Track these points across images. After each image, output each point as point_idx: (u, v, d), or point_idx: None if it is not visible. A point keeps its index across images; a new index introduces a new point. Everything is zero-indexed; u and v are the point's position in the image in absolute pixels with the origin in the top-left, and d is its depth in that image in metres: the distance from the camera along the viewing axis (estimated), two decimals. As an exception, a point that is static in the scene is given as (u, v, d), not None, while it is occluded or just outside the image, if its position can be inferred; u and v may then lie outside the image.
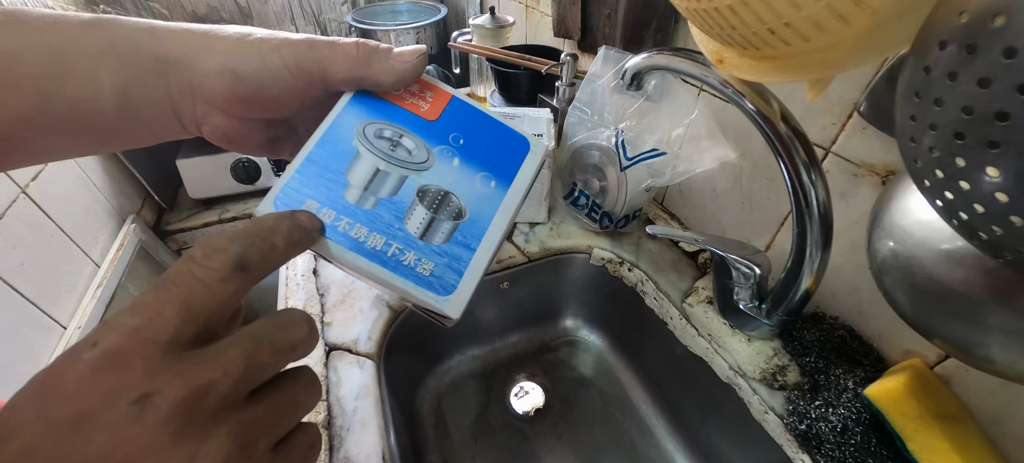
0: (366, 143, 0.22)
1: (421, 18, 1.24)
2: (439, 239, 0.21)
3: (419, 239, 0.21)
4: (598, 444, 0.55)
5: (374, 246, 0.20)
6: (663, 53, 0.38)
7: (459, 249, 0.21)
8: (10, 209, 0.61)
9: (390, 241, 0.20)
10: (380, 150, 0.22)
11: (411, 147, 0.22)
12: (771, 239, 0.49)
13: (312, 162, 0.21)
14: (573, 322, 0.67)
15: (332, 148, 0.21)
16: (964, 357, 0.27)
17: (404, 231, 0.21)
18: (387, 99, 0.23)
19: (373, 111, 0.23)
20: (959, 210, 0.19)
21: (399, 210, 0.21)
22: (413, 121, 0.23)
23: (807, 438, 0.38)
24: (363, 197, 0.21)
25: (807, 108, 0.40)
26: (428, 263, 0.20)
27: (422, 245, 0.21)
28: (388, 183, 0.21)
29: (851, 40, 0.20)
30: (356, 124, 0.22)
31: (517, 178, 0.23)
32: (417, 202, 0.21)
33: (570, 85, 0.63)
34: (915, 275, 0.27)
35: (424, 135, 0.23)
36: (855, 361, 0.41)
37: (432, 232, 0.21)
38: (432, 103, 0.24)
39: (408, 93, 0.23)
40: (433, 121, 0.23)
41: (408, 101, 0.23)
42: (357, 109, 0.22)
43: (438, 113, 0.23)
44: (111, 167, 0.85)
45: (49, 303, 0.64)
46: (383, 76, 0.22)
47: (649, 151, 0.50)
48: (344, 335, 0.47)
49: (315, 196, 0.20)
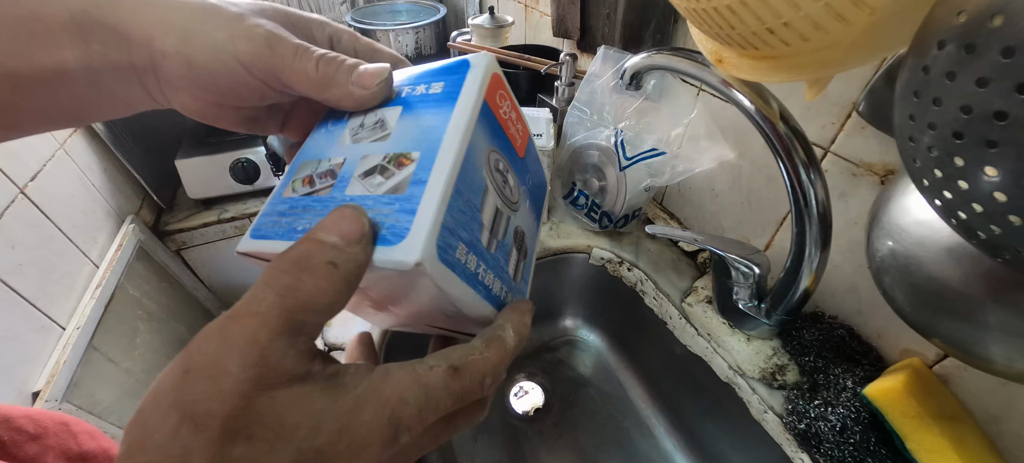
0: (491, 176, 0.19)
1: (420, 18, 1.24)
2: (519, 278, 0.21)
3: (514, 281, 0.20)
4: (598, 444, 0.55)
5: (497, 294, 0.19)
6: (662, 53, 0.38)
7: (524, 285, 0.21)
8: (8, 209, 0.61)
9: (503, 286, 0.19)
10: (497, 185, 0.19)
11: (512, 185, 0.21)
12: (770, 239, 0.49)
13: (458, 195, 0.16)
14: (573, 322, 0.67)
15: (470, 176, 0.17)
16: (963, 356, 0.27)
17: (508, 274, 0.20)
18: (498, 120, 0.20)
19: (493, 134, 0.19)
20: (958, 209, 0.19)
21: (505, 253, 0.20)
22: (512, 154, 0.21)
23: (806, 437, 0.38)
24: (491, 240, 0.18)
25: (806, 108, 0.40)
26: (511, 297, 0.20)
27: (514, 286, 0.20)
28: (502, 225, 0.19)
29: (850, 40, 0.20)
30: (484, 149, 0.18)
31: (544, 211, 0.24)
32: (515, 241, 0.20)
33: (569, 85, 0.63)
34: (914, 274, 0.27)
35: (516, 171, 0.21)
36: (854, 360, 0.41)
37: (518, 272, 0.21)
38: (522, 136, 0.22)
39: (511, 120, 0.21)
40: (522, 158, 0.22)
41: (510, 129, 0.21)
42: (482, 132, 0.18)
43: (524, 149, 0.22)
44: (110, 167, 0.85)
45: (48, 303, 0.64)
46: (343, 103, 0.21)
47: (648, 151, 0.50)
48: (344, 335, 0.47)
49: (463, 238, 0.17)
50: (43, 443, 0.34)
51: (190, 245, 0.95)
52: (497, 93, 0.20)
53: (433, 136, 0.17)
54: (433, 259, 0.15)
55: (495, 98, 0.20)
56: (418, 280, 0.15)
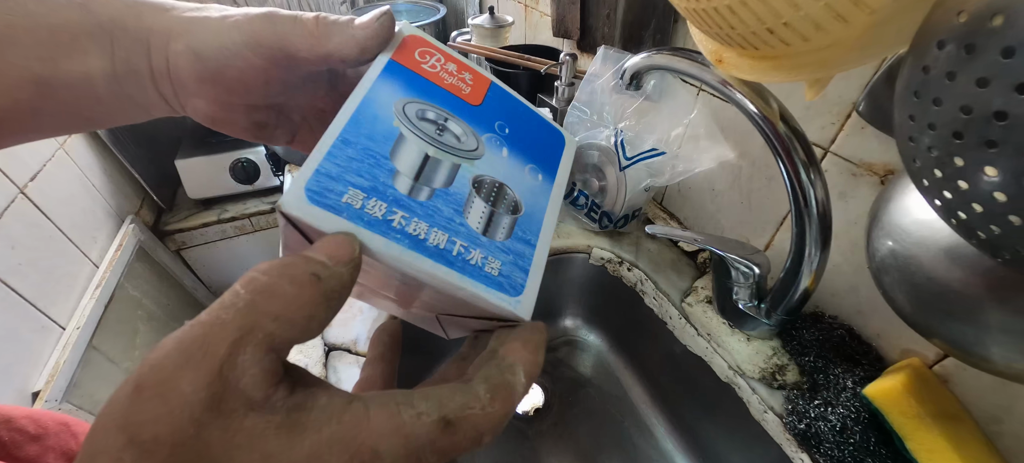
0: (409, 125, 0.18)
1: (420, 18, 1.24)
2: (501, 235, 0.19)
3: (482, 235, 0.18)
4: (598, 444, 0.55)
5: (437, 244, 0.17)
6: (662, 53, 0.38)
7: (521, 245, 0.19)
8: (8, 209, 0.61)
9: (453, 238, 0.17)
10: (426, 133, 0.19)
11: (458, 133, 0.20)
12: (770, 238, 0.49)
13: (346, 143, 0.17)
14: (573, 322, 0.67)
15: (368, 128, 0.18)
16: (963, 356, 0.27)
17: (466, 226, 0.18)
18: (424, 76, 0.20)
19: (411, 88, 0.20)
20: (958, 209, 0.19)
21: (457, 203, 0.18)
22: (456, 104, 0.20)
23: (806, 437, 0.38)
24: (416, 188, 0.17)
25: (806, 108, 0.40)
26: (495, 262, 0.18)
27: (487, 242, 0.18)
28: (441, 172, 0.18)
29: (850, 40, 0.20)
30: (393, 102, 0.19)
31: (559, 173, 0.22)
32: (474, 194, 0.19)
33: (569, 85, 0.63)
34: (914, 274, 0.27)
35: (470, 120, 0.20)
36: (854, 360, 0.41)
37: (494, 227, 0.19)
38: (473, 87, 0.21)
39: (446, 72, 0.21)
40: (477, 106, 0.21)
41: (447, 81, 0.21)
42: (391, 84, 0.19)
43: (481, 98, 0.21)
44: (110, 167, 0.85)
45: (47, 303, 0.64)
46: (346, 50, 0.21)
47: (648, 151, 0.50)
48: (343, 335, 0.47)
49: (358, 184, 0.16)
50: (44, 444, 0.34)
51: (190, 245, 0.95)
52: (417, 51, 0.21)
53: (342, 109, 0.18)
54: (300, 200, 0.15)
55: (413, 56, 0.20)
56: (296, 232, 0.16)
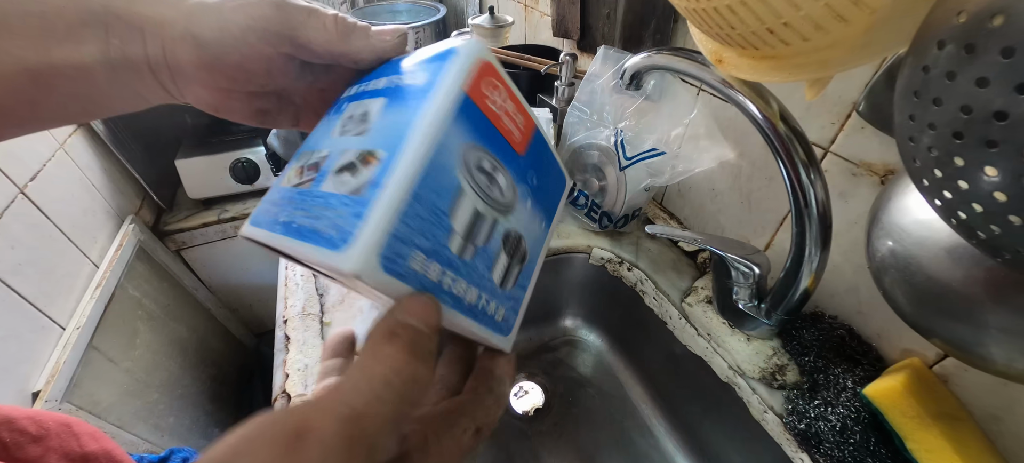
0: (469, 178, 0.17)
1: (420, 18, 1.24)
2: (510, 284, 0.19)
3: (499, 287, 0.19)
4: (598, 444, 0.55)
5: (471, 302, 0.17)
6: (662, 53, 0.38)
7: (519, 291, 0.20)
8: (8, 209, 0.61)
9: (482, 294, 0.18)
10: (479, 187, 0.17)
11: (503, 186, 0.19)
12: (770, 238, 0.49)
13: (418, 200, 0.15)
14: (573, 322, 0.67)
15: (436, 181, 0.16)
16: (963, 356, 0.27)
17: (491, 280, 0.18)
18: (487, 116, 0.18)
19: (475, 131, 0.17)
20: (958, 209, 0.19)
21: (489, 259, 0.18)
22: (506, 151, 0.19)
23: (806, 437, 0.38)
24: (465, 247, 0.17)
25: (806, 108, 0.40)
26: (501, 309, 0.19)
27: (501, 293, 0.19)
28: (485, 229, 0.18)
29: (850, 40, 0.20)
30: (460, 147, 0.17)
31: (555, 218, 0.22)
32: (503, 247, 0.19)
33: (569, 85, 0.63)
34: (914, 274, 0.27)
35: (512, 170, 0.19)
36: (854, 360, 0.41)
37: (508, 279, 0.19)
38: (523, 131, 0.20)
39: (505, 112, 0.19)
40: (521, 156, 0.20)
41: (504, 123, 0.19)
42: (462, 126, 0.17)
43: (525, 146, 0.20)
44: (110, 167, 0.85)
45: (47, 303, 0.64)
46: (363, 56, 0.21)
47: (648, 151, 0.50)
48: (343, 335, 0.47)
49: (422, 246, 0.15)
50: (45, 445, 0.34)
51: (190, 245, 0.95)
52: (485, 82, 0.18)
53: (401, 134, 0.16)
54: (375, 270, 0.14)
55: (481, 88, 0.18)
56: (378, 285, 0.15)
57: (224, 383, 1.00)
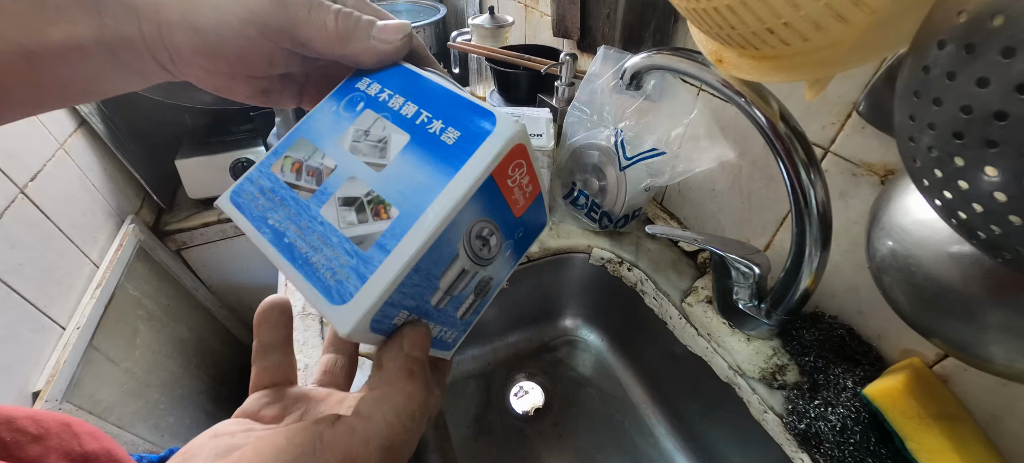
0: (466, 246, 0.18)
1: (420, 18, 1.24)
2: (468, 316, 0.21)
3: (459, 320, 0.21)
4: (598, 444, 0.55)
5: (437, 334, 0.20)
6: (662, 53, 0.38)
7: (473, 317, 0.22)
8: (8, 209, 0.61)
9: (444, 329, 0.20)
10: (472, 251, 0.18)
11: (494, 245, 0.19)
12: (770, 239, 0.49)
13: (417, 271, 0.16)
14: (573, 322, 0.67)
15: (439, 252, 0.16)
16: (963, 356, 0.27)
17: (455, 318, 0.20)
18: (503, 193, 0.18)
19: (488, 205, 0.18)
20: (958, 209, 0.19)
21: (459, 303, 0.20)
22: (506, 217, 0.19)
23: (806, 437, 0.38)
24: (443, 299, 0.18)
25: (806, 108, 0.40)
26: (452, 333, 0.21)
27: (458, 323, 0.21)
28: (465, 281, 0.19)
29: (850, 40, 0.20)
30: (469, 222, 0.17)
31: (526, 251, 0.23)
32: (474, 292, 0.20)
33: (569, 85, 0.63)
34: (914, 274, 0.27)
35: (505, 231, 0.20)
36: (854, 360, 0.41)
37: (467, 312, 0.21)
38: (528, 198, 0.20)
39: (519, 187, 0.19)
40: (516, 219, 0.20)
41: (515, 195, 0.19)
42: (477, 204, 0.17)
43: (526, 209, 0.20)
44: (110, 167, 0.85)
45: (47, 303, 0.64)
46: (363, 58, 0.20)
47: (648, 151, 0.50)
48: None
49: (408, 306, 0.17)
50: (45, 444, 0.34)
51: (190, 245, 0.95)
52: (512, 165, 0.18)
53: (419, 200, 0.16)
54: (364, 331, 0.15)
55: (507, 170, 0.18)
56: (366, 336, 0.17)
57: (224, 383, 1.00)
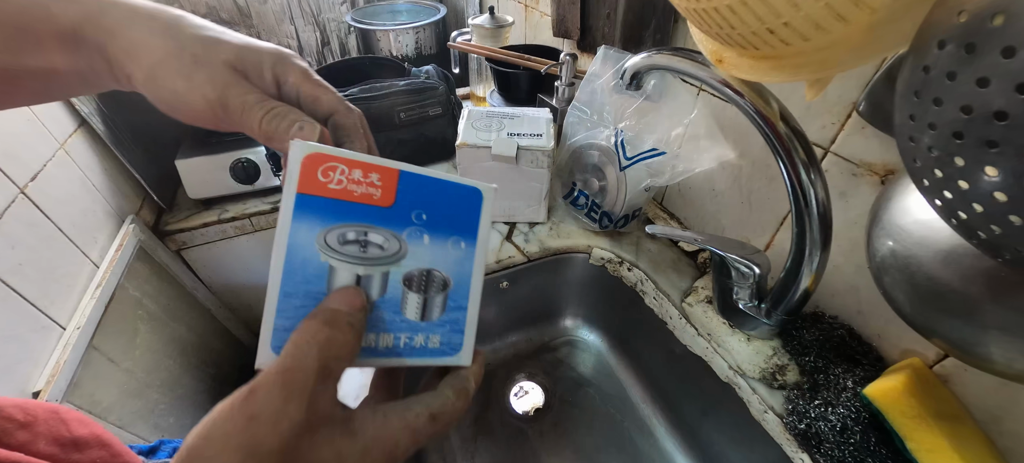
0: (335, 255, 0.20)
1: (420, 18, 1.24)
2: (437, 314, 0.22)
3: (420, 321, 0.22)
4: (598, 444, 0.55)
5: (387, 346, 0.21)
6: (662, 53, 0.38)
7: (455, 313, 0.23)
8: (8, 209, 0.61)
9: (398, 336, 0.21)
10: (352, 256, 0.21)
11: (380, 242, 0.21)
12: (770, 239, 0.49)
13: (288, 296, 0.20)
14: (573, 322, 0.67)
15: (302, 273, 0.20)
16: (963, 356, 0.27)
17: (405, 321, 0.22)
18: (334, 196, 0.20)
19: (326, 215, 0.20)
20: (958, 209, 0.19)
21: (394, 305, 0.21)
22: (371, 213, 0.21)
23: (806, 437, 0.38)
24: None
25: (806, 108, 0.40)
26: (435, 338, 0.22)
27: (425, 325, 0.22)
28: (375, 284, 0.21)
29: (850, 40, 0.20)
30: (314, 237, 0.20)
31: (480, 230, 0.24)
32: (407, 290, 0.22)
33: (569, 85, 0.63)
34: (914, 274, 0.27)
35: (388, 224, 0.21)
36: (854, 360, 0.41)
37: (429, 311, 0.22)
38: (383, 187, 0.21)
39: (353, 183, 0.21)
40: (391, 207, 0.21)
41: (357, 192, 0.21)
42: (307, 220, 0.20)
43: (393, 195, 0.22)
44: (110, 167, 0.85)
45: (48, 303, 0.64)
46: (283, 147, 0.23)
47: (648, 151, 0.50)
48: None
49: None
50: (33, 431, 0.34)
51: (190, 245, 0.95)
52: (319, 171, 0.20)
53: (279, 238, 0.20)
54: (269, 358, 0.19)
55: (316, 178, 0.20)
56: None
57: (224, 383, 1.00)
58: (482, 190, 0.24)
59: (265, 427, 0.16)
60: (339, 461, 0.17)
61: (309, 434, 0.17)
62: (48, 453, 0.34)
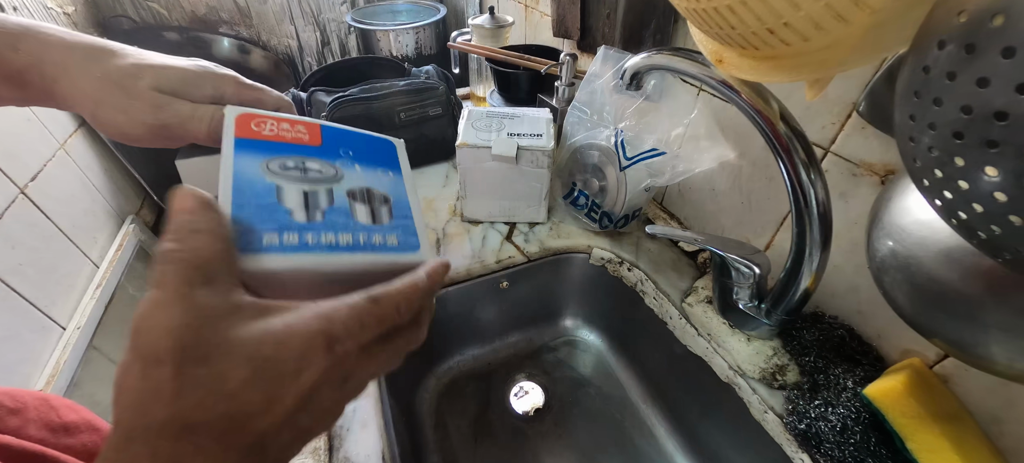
0: (280, 177, 0.23)
1: (420, 18, 1.24)
2: (386, 217, 0.25)
3: (373, 224, 0.24)
4: (598, 444, 0.55)
5: (348, 241, 0.22)
6: (662, 53, 0.38)
7: (403, 221, 0.25)
8: (9, 210, 0.61)
9: (357, 233, 0.23)
10: (296, 177, 0.23)
11: (317, 168, 0.25)
12: (770, 239, 0.49)
13: (241, 208, 0.21)
14: (573, 322, 0.67)
15: (250, 192, 0.22)
16: (963, 356, 0.27)
17: (359, 223, 0.24)
18: (268, 139, 0.24)
19: (264, 151, 0.24)
20: (958, 209, 0.19)
21: (344, 212, 0.23)
22: (304, 150, 0.25)
23: (806, 437, 0.38)
24: (311, 214, 0.22)
25: (806, 108, 0.40)
26: (392, 236, 0.24)
27: (379, 227, 0.24)
28: (322, 197, 0.23)
29: (850, 40, 0.20)
30: (258, 166, 0.23)
31: (403, 167, 0.29)
32: (353, 200, 0.24)
33: (569, 85, 0.63)
34: (914, 274, 0.27)
35: (320, 157, 0.25)
36: (854, 360, 0.41)
37: (378, 215, 0.25)
38: (309, 134, 0.26)
39: (282, 130, 0.25)
40: (320, 147, 0.26)
41: (288, 136, 0.25)
42: (247, 155, 0.23)
43: (319, 139, 0.26)
44: (110, 167, 0.85)
45: (48, 304, 0.64)
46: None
47: (648, 151, 0.50)
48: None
49: (268, 227, 0.21)
50: (24, 417, 0.35)
51: (190, 245, 0.95)
52: (251, 124, 0.25)
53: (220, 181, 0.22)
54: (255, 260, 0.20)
55: (250, 128, 0.24)
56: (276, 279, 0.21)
57: (224, 383, 1.00)
58: (394, 142, 0.30)
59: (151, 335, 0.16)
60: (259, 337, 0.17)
61: (209, 325, 0.16)
62: (39, 437, 0.34)
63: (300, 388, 0.18)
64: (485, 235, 0.59)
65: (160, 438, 0.15)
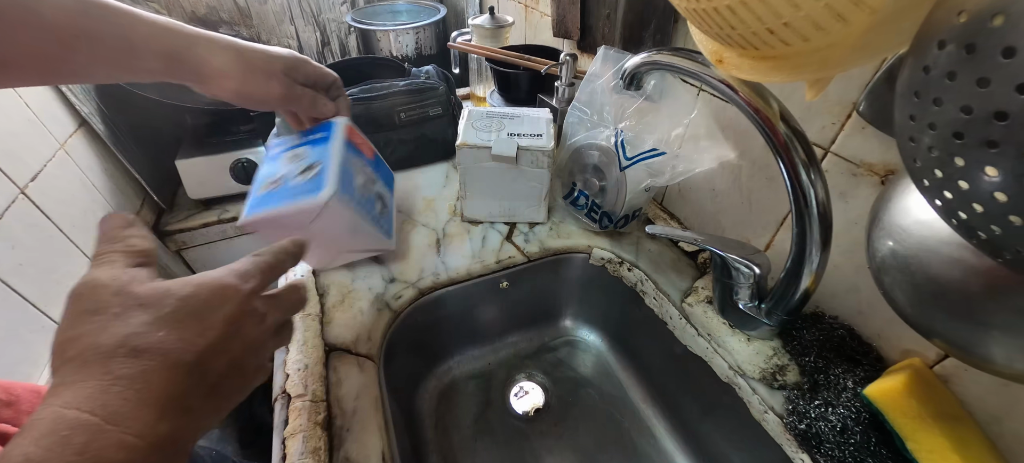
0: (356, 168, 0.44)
1: (420, 18, 1.24)
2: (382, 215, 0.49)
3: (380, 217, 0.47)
4: (598, 444, 0.55)
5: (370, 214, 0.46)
6: (662, 53, 0.38)
7: (386, 222, 0.49)
8: (9, 209, 0.61)
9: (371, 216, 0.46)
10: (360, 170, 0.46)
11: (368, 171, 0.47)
12: (770, 239, 0.49)
13: (346, 173, 0.42)
14: (573, 322, 0.67)
15: (348, 168, 0.43)
16: (963, 356, 0.27)
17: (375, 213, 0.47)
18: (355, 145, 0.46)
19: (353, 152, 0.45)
20: (958, 210, 0.19)
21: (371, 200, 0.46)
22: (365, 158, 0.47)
23: (807, 437, 0.38)
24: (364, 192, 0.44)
25: (806, 108, 0.40)
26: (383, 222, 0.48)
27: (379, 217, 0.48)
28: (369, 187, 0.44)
29: (850, 40, 0.20)
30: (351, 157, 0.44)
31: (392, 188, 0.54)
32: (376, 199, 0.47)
33: (569, 85, 0.63)
34: (914, 274, 0.27)
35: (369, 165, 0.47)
36: (855, 361, 0.41)
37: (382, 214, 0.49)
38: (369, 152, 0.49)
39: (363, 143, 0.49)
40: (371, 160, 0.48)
41: (364, 149, 0.46)
42: (349, 151, 0.44)
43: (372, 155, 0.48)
44: (110, 168, 0.85)
45: (48, 304, 0.64)
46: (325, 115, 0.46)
47: (648, 151, 0.50)
48: (344, 335, 0.47)
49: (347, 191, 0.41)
50: (17, 408, 0.36)
51: (190, 245, 0.95)
52: (351, 134, 0.45)
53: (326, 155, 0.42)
54: (337, 194, 0.39)
55: (352, 138, 0.46)
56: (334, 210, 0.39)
57: (224, 383, 1.00)
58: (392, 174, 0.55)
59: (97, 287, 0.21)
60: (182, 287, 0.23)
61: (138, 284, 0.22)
62: None
63: (225, 315, 0.23)
64: (485, 235, 0.59)
65: (111, 358, 0.19)
